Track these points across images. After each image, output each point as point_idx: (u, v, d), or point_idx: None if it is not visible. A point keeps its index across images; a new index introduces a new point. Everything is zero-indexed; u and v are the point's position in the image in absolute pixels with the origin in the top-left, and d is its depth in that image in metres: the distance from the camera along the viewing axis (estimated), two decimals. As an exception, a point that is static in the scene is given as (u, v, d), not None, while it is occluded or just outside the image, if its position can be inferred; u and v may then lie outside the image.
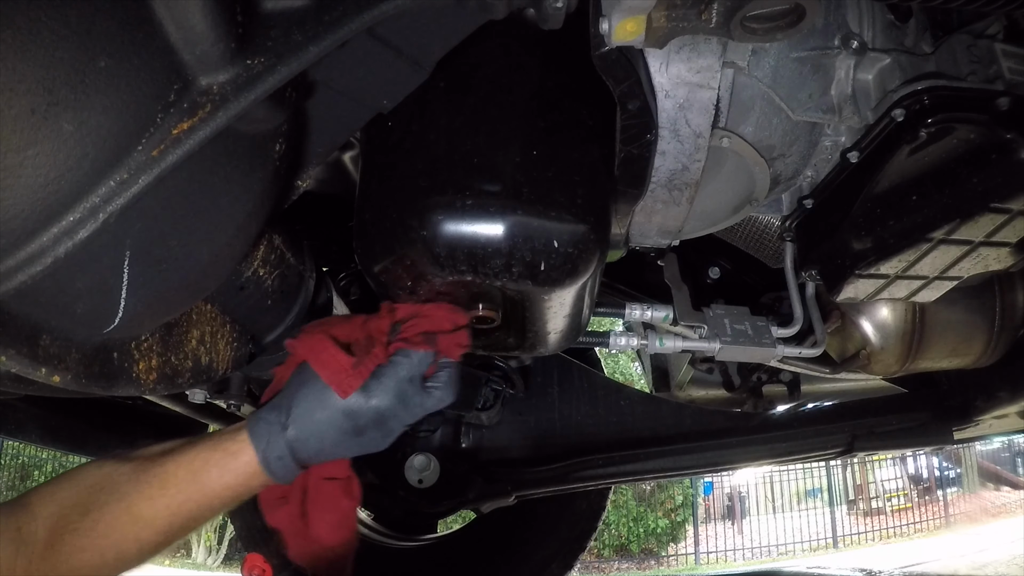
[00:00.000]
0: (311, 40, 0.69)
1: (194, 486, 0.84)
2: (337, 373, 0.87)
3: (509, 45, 1.02)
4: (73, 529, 0.79)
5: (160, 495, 0.83)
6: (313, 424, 0.87)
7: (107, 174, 0.61)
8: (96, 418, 1.80)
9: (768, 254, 1.52)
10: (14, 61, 0.52)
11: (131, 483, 0.83)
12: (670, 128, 1.04)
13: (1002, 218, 1.10)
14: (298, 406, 0.87)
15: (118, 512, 0.81)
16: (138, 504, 0.82)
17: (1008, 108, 1.04)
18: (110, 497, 0.82)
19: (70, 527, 0.79)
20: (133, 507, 0.82)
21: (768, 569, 6.76)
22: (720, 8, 0.79)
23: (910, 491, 10.60)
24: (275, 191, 0.85)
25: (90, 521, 0.80)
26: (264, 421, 0.87)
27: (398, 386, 0.89)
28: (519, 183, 0.93)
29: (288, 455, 0.87)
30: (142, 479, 0.84)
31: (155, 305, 0.78)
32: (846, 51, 1.11)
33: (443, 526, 2.75)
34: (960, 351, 1.55)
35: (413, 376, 0.90)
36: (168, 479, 0.84)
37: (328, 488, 0.94)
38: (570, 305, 1.09)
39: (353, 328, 0.93)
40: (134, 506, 0.82)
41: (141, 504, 0.82)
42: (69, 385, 0.72)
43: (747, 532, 10.63)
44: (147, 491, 0.83)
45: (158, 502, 0.83)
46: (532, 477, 1.92)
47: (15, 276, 0.60)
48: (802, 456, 2.01)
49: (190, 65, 0.64)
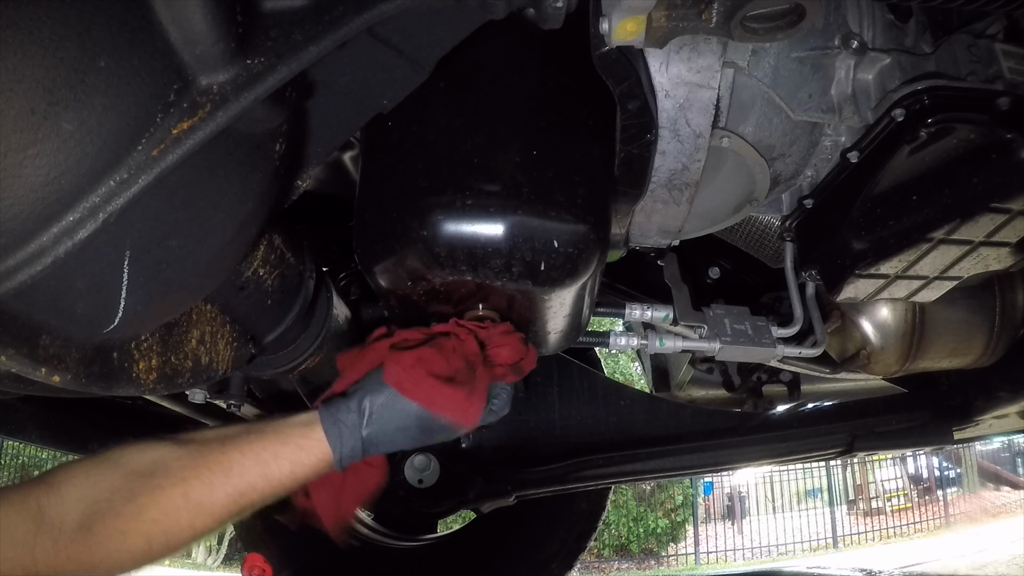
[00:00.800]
0: (311, 40, 0.69)
1: (262, 478, 0.86)
2: (457, 411, 0.93)
3: (509, 45, 1.02)
4: (116, 514, 0.79)
5: (223, 483, 0.84)
6: (390, 431, 0.92)
7: (107, 174, 0.61)
8: (96, 418, 1.80)
9: (768, 254, 1.52)
10: (14, 61, 0.52)
11: (189, 469, 0.83)
12: (670, 128, 1.04)
13: (1002, 218, 1.10)
14: (377, 412, 0.91)
15: (174, 497, 0.81)
16: (197, 490, 0.82)
17: (1008, 108, 1.04)
18: (163, 482, 0.82)
19: (112, 511, 0.79)
20: (192, 493, 0.82)
21: (768, 569, 6.76)
22: (720, 8, 0.79)
23: (910, 491, 10.60)
24: (275, 191, 0.85)
25: (136, 506, 0.80)
26: (341, 423, 0.91)
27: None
28: (519, 183, 0.93)
29: (360, 452, 0.92)
30: (201, 465, 0.84)
31: (155, 305, 0.78)
32: (846, 51, 1.11)
33: (443, 526, 2.75)
34: (960, 351, 1.55)
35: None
36: (232, 467, 0.85)
37: (367, 470, 0.98)
38: (570, 305, 1.09)
39: (447, 357, 0.95)
40: (193, 492, 0.82)
41: (200, 490, 0.83)
42: (69, 385, 0.72)
43: (747, 532, 10.62)
44: (208, 477, 0.83)
45: (219, 489, 0.84)
46: (532, 477, 1.93)
47: (15, 276, 0.60)
48: (802, 456, 2.01)
49: (190, 65, 0.63)
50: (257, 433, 0.90)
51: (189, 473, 0.83)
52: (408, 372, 0.92)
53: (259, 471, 0.86)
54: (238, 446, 0.87)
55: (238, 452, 0.86)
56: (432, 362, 0.93)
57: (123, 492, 0.80)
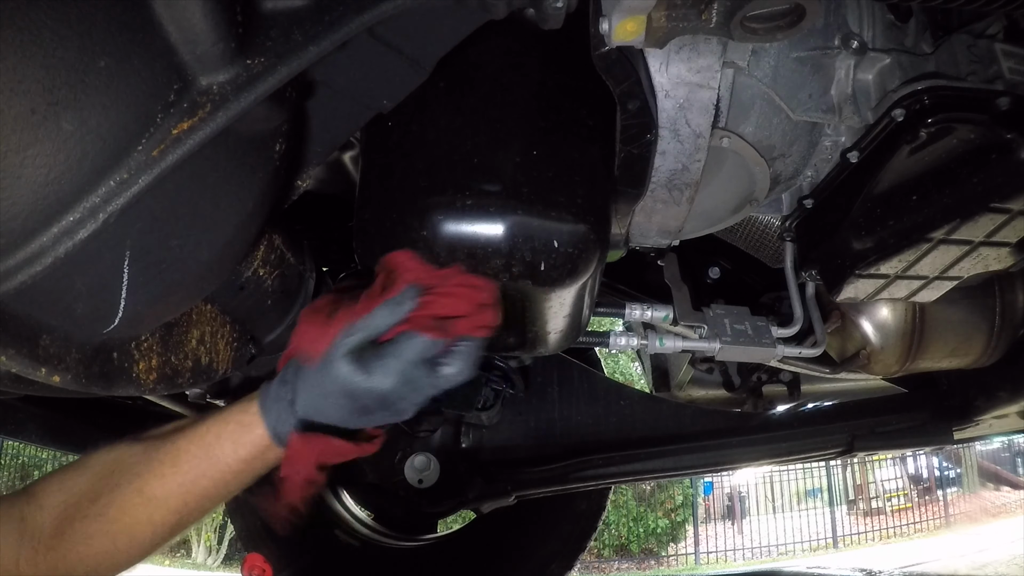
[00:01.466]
0: (311, 40, 0.69)
1: (208, 461, 0.82)
2: (302, 341, 0.81)
3: (509, 45, 1.02)
4: (83, 516, 0.78)
5: (172, 473, 0.81)
6: (317, 402, 0.82)
7: (107, 174, 0.61)
8: (96, 418, 1.80)
9: (768, 254, 1.52)
10: (14, 61, 0.52)
11: (142, 463, 0.81)
12: (670, 128, 1.04)
13: (1002, 218, 1.10)
14: (302, 382, 0.82)
15: (129, 494, 0.79)
16: (150, 483, 0.80)
17: (1008, 108, 1.04)
18: (120, 479, 0.80)
19: (80, 514, 0.78)
20: (145, 487, 0.80)
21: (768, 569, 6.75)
22: (720, 8, 0.79)
23: (910, 491, 10.59)
24: (275, 191, 0.85)
25: (100, 506, 0.78)
26: (274, 397, 0.84)
27: (403, 368, 0.80)
28: (519, 183, 0.93)
29: (296, 424, 0.83)
30: (153, 458, 0.82)
31: (155, 305, 0.78)
32: (846, 51, 1.11)
33: (443, 526, 2.75)
34: (960, 351, 1.55)
35: (420, 359, 0.81)
36: (180, 455, 0.82)
37: (336, 443, 0.86)
38: (570, 305, 1.09)
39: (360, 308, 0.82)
40: (146, 486, 0.80)
41: (153, 483, 0.80)
42: (69, 385, 0.72)
43: (747, 532, 10.62)
44: (159, 469, 0.81)
45: (170, 480, 0.81)
46: (532, 477, 1.93)
47: (15, 276, 0.60)
48: (802, 456, 2.01)
49: (190, 65, 0.63)
50: (203, 419, 0.85)
51: (143, 468, 0.81)
52: (304, 332, 0.82)
53: (204, 455, 0.82)
54: (185, 434, 0.84)
55: (184, 440, 0.83)
56: (343, 319, 0.81)
57: (89, 494, 0.80)
